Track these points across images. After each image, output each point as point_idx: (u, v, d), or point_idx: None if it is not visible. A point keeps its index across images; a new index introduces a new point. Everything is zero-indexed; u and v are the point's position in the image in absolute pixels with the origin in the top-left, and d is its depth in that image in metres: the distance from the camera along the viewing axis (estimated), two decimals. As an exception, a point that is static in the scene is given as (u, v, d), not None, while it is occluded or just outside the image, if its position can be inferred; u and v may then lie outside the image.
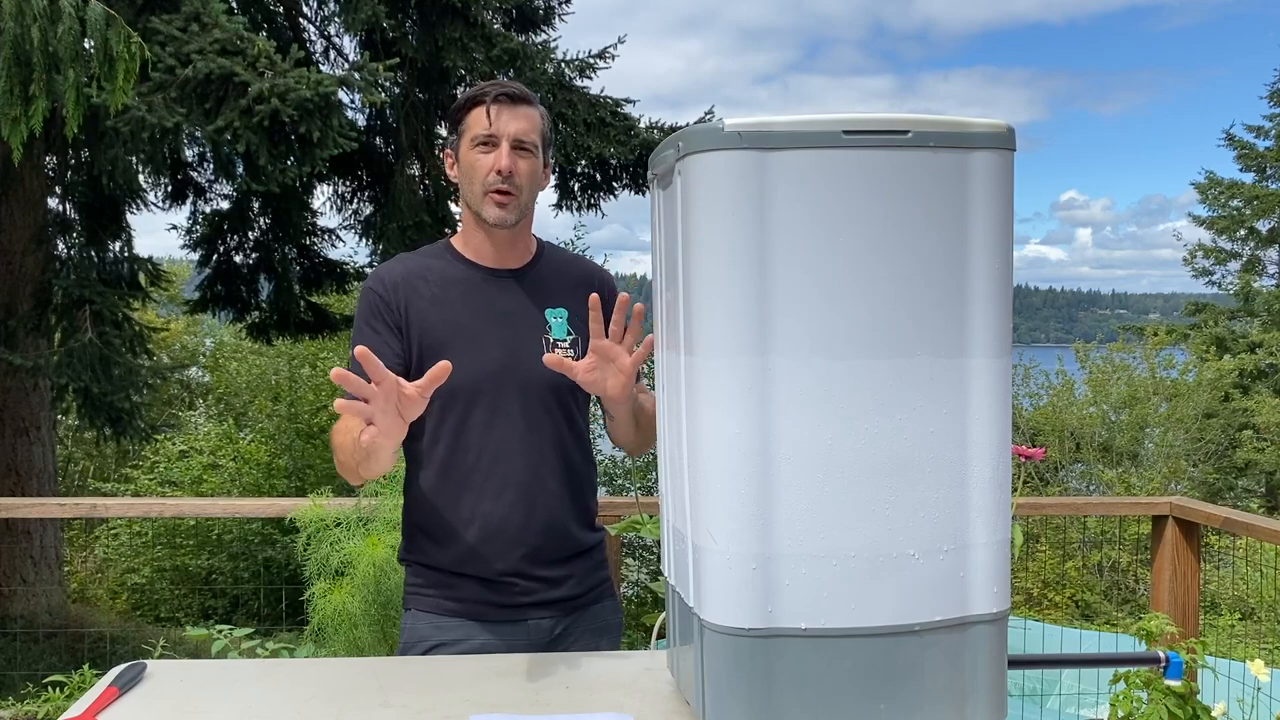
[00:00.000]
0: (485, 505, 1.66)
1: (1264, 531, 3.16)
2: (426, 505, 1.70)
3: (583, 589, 1.76)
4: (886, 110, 1.14)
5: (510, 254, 1.73)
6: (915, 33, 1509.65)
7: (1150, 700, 1.30)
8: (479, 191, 1.66)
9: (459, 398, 1.64)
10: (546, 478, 1.69)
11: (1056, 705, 3.92)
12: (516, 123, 1.66)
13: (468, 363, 1.62)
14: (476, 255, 1.73)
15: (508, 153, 1.65)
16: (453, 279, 1.70)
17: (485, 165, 1.65)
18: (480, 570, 1.68)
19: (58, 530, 7.33)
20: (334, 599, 2.80)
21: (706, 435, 1.12)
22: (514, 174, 1.65)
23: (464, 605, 1.69)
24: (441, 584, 1.70)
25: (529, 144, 1.67)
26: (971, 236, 1.10)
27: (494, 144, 1.65)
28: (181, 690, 1.39)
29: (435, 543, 1.70)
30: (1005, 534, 1.16)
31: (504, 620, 1.69)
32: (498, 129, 1.65)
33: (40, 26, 3.90)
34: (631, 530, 2.30)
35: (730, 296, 1.08)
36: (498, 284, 1.72)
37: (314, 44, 7.83)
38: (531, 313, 1.71)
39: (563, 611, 1.73)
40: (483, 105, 1.65)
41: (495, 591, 1.68)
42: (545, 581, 1.70)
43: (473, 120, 1.67)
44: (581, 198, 7.99)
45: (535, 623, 1.70)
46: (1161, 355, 16.71)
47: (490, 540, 1.67)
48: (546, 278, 1.76)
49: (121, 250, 7.17)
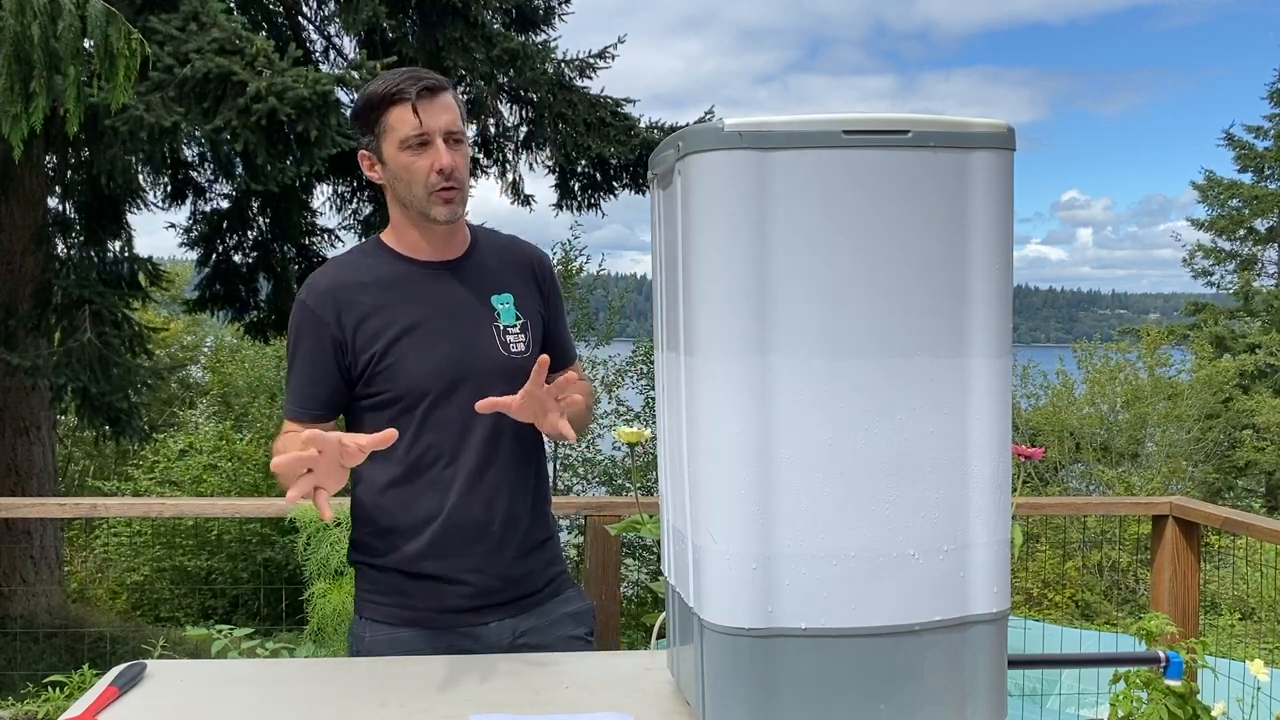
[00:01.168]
0: (446, 501, 1.63)
1: (1264, 531, 3.16)
2: (381, 504, 1.66)
3: (541, 583, 1.72)
4: (887, 110, 1.14)
5: (447, 246, 1.69)
6: (916, 32, 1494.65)
7: (1150, 700, 1.30)
8: (422, 193, 1.60)
9: (419, 397, 1.61)
10: (505, 470, 1.66)
11: (1056, 705, 3.92)
12: (444, 115, 1.59)
13: (420, 360, 1.60)
14: (412, 250, 1.68)
15: (446, 150, 1.59)
16: (391, 279, 1.65)
17: (424, 166, 1.59)
18: (438, 569, 1.64)
19: (58, 530, 7.33)
20: (334, 599, 2.80)
21: (706, 435, 1.12)
22: (455, 169, 1.60)
23: (418, 614, 1.65)
24: (395, 589, 1.66)
25: (459, 133, 1.62)
26: (971, 236, 1.10)
27: (428, 141, 1.58)
28: (181, 690, 1.39)
29: (390, 543, 1.66)
30: (1005, 534, 1.16)
31: (462, 626, 1.65)
32: (428, 126, 1.57)
33: (41, 24, 3.90)
34: (631, 530, 2.30)
35: (730, 296, 1.08)
36: (438, 277, 1.67)
37: (314, 44, 7.83)
38: (477, 303, 1.67)
39: (525, 609, 1.69)
40: (406, 103, 1.57)
41: (452, 594, 1.64)
42: (504, 579, 1.67)
43: (396, 120, 1.58)
44: (581, 198, 7.99)
45: (497, 625, 1.66)
46: (1158, 354, 16.72)
47: (449, 535, 1.63)
48: (486, 263, 1.71)
49: (121, 250, 7.17)
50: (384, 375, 1.61)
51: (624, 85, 10.56)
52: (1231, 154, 20.57)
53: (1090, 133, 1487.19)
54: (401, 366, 1.60)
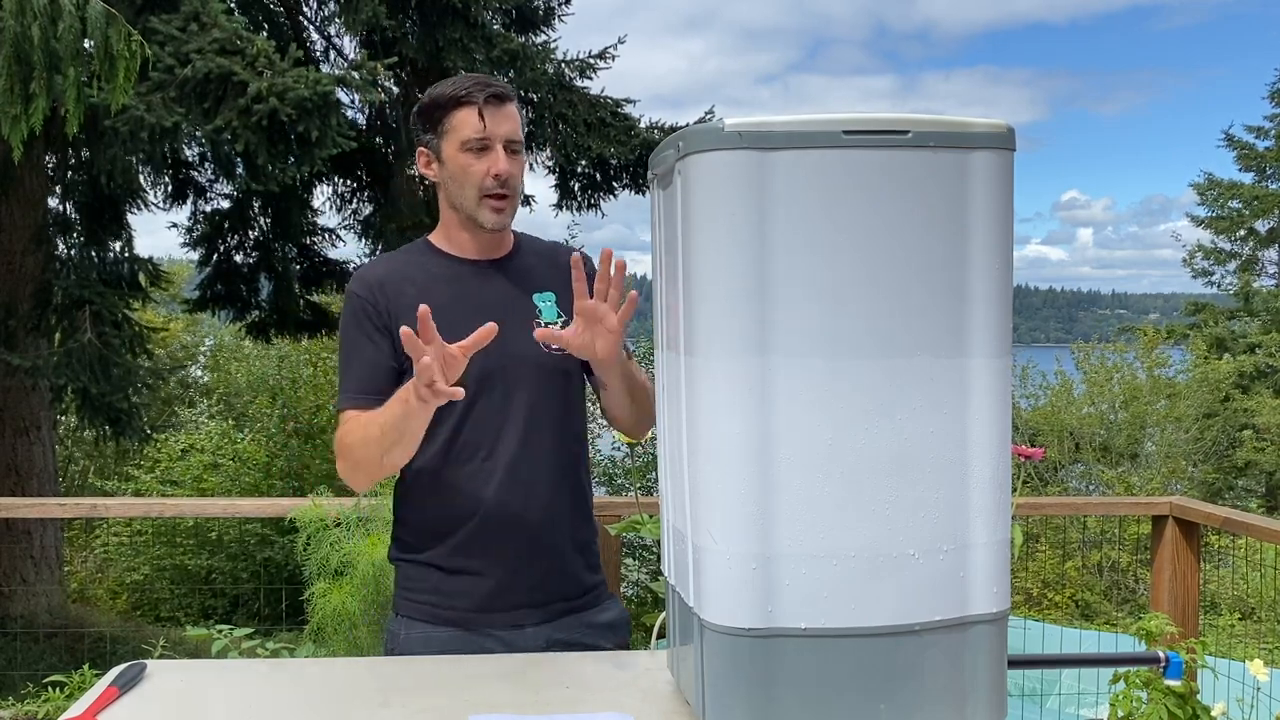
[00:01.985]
0: (485, 495, 1.64)
1: (1264, 531, 3.16)
2: (422, 499, 1.69)
3: (580, 590, 1.73)
4: (887, 110, 1.15)
5: (494, 247, 1.73)
6: (917, 32, 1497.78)
7: (1150, 700, 1.30)
8: (473, 196, 1.65)
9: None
10: (544, 465, 1.67)
11: (1056, 705, 3.92)
12: (507, 123, 1.64)
13: None
14: (459, 250, 1.72)
15: (505, 157, 1.63)
16: (437, 275, 1.69)
17: (480, 170, 1.63)
18: (474, 565, 1.65)
19: (58, 530, 7.33)
20: (334, 599, 2.80)
21: (706, 435, 1.12)
22: (510, 177, 1.65)
23: (455, 613, 1.66)
24: (432, 587, 1.67)
25: (518, 143, 1.66)
26: (971, 236, 1.10)
27: (488, 147, 1.63)
28: (181, 690, 1.39)
29: (429, 538, 1.68)
30: (1005, 534, 1.16)
31: (498, 628, 1.66)
32: (491, 131, 1.62)
33: (41, 25, 3.90)
34: (631, 530, 2.30)
35: (730, 296, 1.08)
36: (482, 275, 1.71)
37: (314, 44, 7.83)
38: (519, 300, 1.70)
39: (562, 613, 1.70)
40: (473, 106, 1.62)
41: (489, 591, 1.65)
42: (542, 576, 1.68)
43: (461, 122, 1.64)
44: (581, 198, 7.99)
45: (533, 629, 1.67)
46: (1156, 354, 16.72)
47: (487, 529, 1.65)
48: (529, 264, 1.75)
49: (122, 250, 7.17)
50: None
51: (625, 85, 10.57)
52: (1232, 154, 20.59)
53: (1090, 133, 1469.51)
54: None
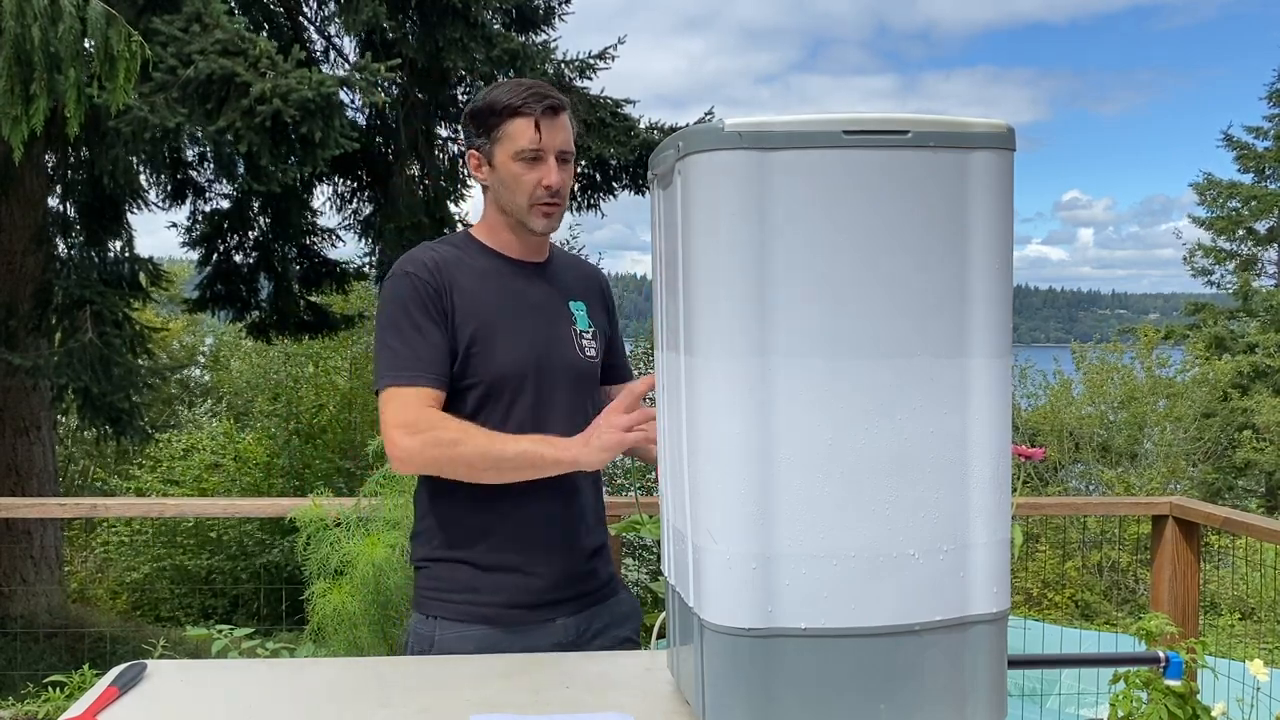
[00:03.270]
0: (523, 495, 1.64)
1: (1264, 531, 3.16)
2: (459, 499, 1.67)
3: (600, 582, 1.78)
4: (888, 110, 1.15)
5: (536, 250, 1.77)
6: (918, 32, 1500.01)
7: (1150, 700, 1.30)
8: (525, 203, 1.67)
9: (503, 386, 1.65)
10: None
11: (1056, 705, 3.92)
12: (561, 134, 1.67)
13: (510, 350, 1.65)
14: (504, 248, 1.74)
15: (557, 168, 1.66)
16: (484, 269, 1.71)
17: (533, 179, 1.66)
18: (511, 562, 1.67)
19: (58, 530, 7.33)
20: (334, 599, 2.80)
21: (706, 435, 1.12)
22: (561, 187, 1.68)
23: (488, 610, 1.66)
24: (466, 585, 1.67)
25: (569, 153, 1.70)
26: (971, 236, 1.10)
27: (542, 158, 1.65)
28: (181, 690, 1.39)
29: (465, 536, 1.68)
30: (1005, 534, 1.16)
31: (531, 624, 1.67)
32: (546, 143, 1.64)
33: (41, 26, 3.90)
34: (631, 530, 2.30)
35: (730, 297, 1.08)
36: (525, 276, 1.74)
37: (314, 44, 7.83)
38: (558, 304, 1.75)
39: (586, 605, 1.74)
40: (530, 117, 1.64)
41: (523, 588, 1.67)
42: (570, 575, 1.71)
43: (516, 131, 1.65)
44: (581, 198, 7.99)
45: (564, 622, 1.70)
46: (1155, 354, 16.72)
47: (524, 528, 1.67)
48: (561, 272, 1.80)
49: (122, 250, 7.17)
50: (472, 361, 1.65)
51: (626, 85, 10.58)
52: (1231, 154, 20.59)
53: (1092, 133, 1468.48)
54: (489, 354, 1.65)
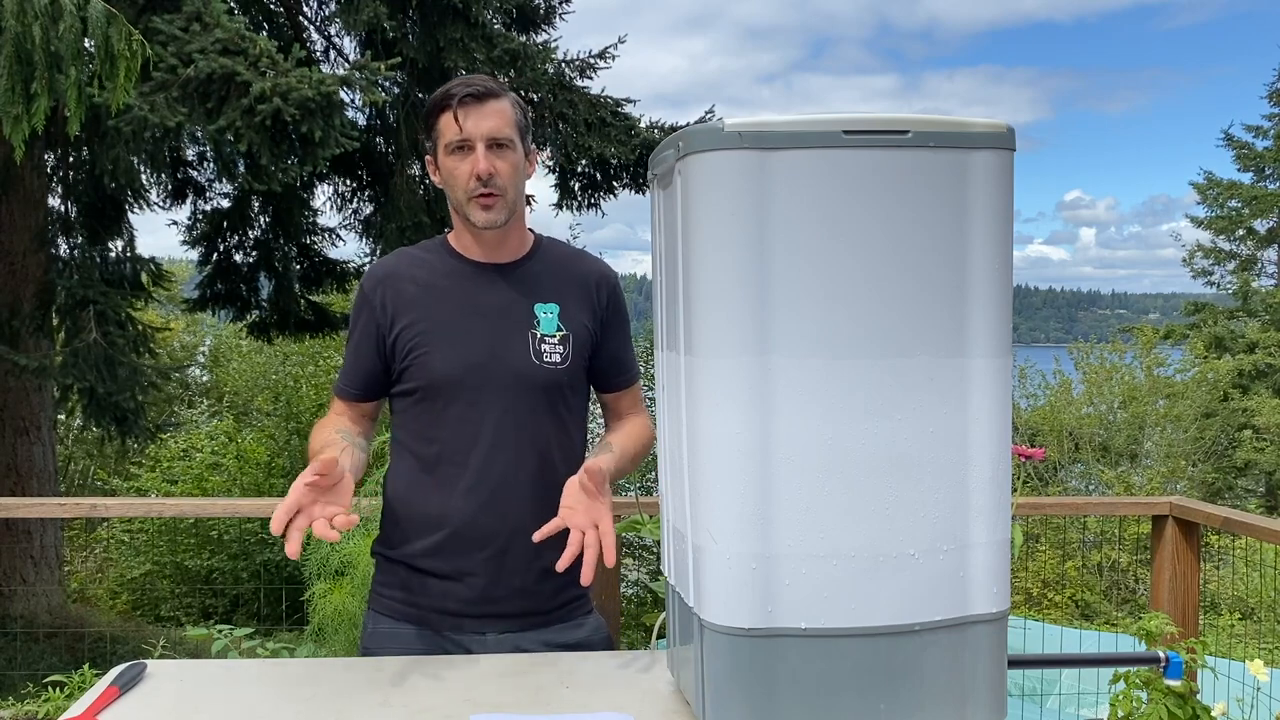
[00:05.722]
0: (454, 502, 1.63)
1: (1264, 531, 3.15)
2: (400, 497, 1.69)
3: (551, 605, 1.68)
4: (889, 109, 1.15)
5: (501, 250, 1.71)
6: (920, 31, 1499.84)
7: (1150, 700, 1.30)
8: (463, 197, 1.64)
9: (437, 392, 1.64)
10: (521, 480, 1.64)
11: (1056, 705, 3.93)
12: (487, 121, 1.62)
13: (446, 357, 1.63)
14: (466, 251, 1.72)
15: (484, 155, 1.61)
16: (441, 274, 1.69)
17: (464, 171, 1.62)
18: (441, 568, 1.65)
19: (58, 530, 7.33)
20: (334, 599, 2.80)
21: (706, 435, 1.12)
22: (494, 175, 1.62)
23: (421, 612, 1.66)
24: (402, 584, 1.68)
25: (504, 139, 1.63)
26: (971, 236, 1.10)
27: (469, 148, 1.62)
28: (181, 690, 1.39)
29: (402, 536, 1.69)
30: (1005, 534, 1.16)
31: (461, 633, 1.65)
32: (469, 132, 1.61)
33: (42, 25, 3.90)
34: (631, 530, 2.30)
35: (730, 296, 1.08)
36: (484, 278, 1.69)
37: (314, 44, 7.83)
38: (518, 306, 1.68)
39: (532, 625, 1.67)
40: (449, 110, 1.62)
41: (454, 596, 1.65)
42: (509, 589, 1.65)
43: (444, 126, 1.63)
44: (581, 197, 7.99)
45: (495, 638, 1.65)
46: (1155, 354, 16.72)
47: (455, 536, 1.64)
48: (539, 273, 1.72)
49: (124, 250, 7.17)
50: (412, 367, 1.65)
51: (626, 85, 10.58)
52: (1231, 154, 20.59)
53: (1094, 132, 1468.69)
54: (427, 360, 1.64)
